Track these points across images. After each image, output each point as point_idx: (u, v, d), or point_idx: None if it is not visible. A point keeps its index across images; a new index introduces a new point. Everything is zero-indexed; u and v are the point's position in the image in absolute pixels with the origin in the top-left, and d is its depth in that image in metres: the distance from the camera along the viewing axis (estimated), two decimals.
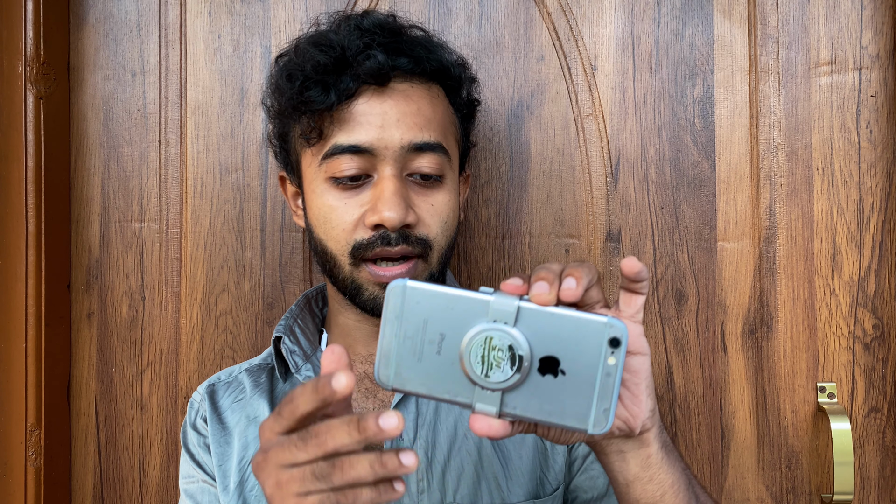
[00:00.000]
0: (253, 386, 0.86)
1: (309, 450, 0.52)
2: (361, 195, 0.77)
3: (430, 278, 0.79)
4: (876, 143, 1.05)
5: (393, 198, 0.75)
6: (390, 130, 0.76)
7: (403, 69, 0.78)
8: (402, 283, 0.53)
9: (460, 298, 0.52)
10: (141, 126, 1.12)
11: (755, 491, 1.06)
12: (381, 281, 0.77)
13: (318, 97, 0.76)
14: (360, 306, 0.79)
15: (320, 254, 0.81)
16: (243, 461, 0.83)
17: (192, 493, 0.85)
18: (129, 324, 1.12)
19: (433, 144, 0.77)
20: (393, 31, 0.81)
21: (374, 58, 0.75)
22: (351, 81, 0.76)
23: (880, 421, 1.05)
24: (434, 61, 0.80)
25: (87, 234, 1.13)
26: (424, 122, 0.78)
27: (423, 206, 0.78)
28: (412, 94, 0.78)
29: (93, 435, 1.12)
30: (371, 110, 0.76)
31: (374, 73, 0.75)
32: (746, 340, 1.06)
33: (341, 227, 0.77)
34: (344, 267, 0.78)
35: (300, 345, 0.85)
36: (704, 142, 1.07)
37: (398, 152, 0.76)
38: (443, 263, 0.81)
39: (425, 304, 0.53)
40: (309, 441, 0.52)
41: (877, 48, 1.06)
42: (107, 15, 1.13)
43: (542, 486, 0.80)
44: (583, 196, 1.08)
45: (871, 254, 1.05)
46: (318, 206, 0.79)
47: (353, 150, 0.76)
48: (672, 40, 1.08)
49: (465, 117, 0.87)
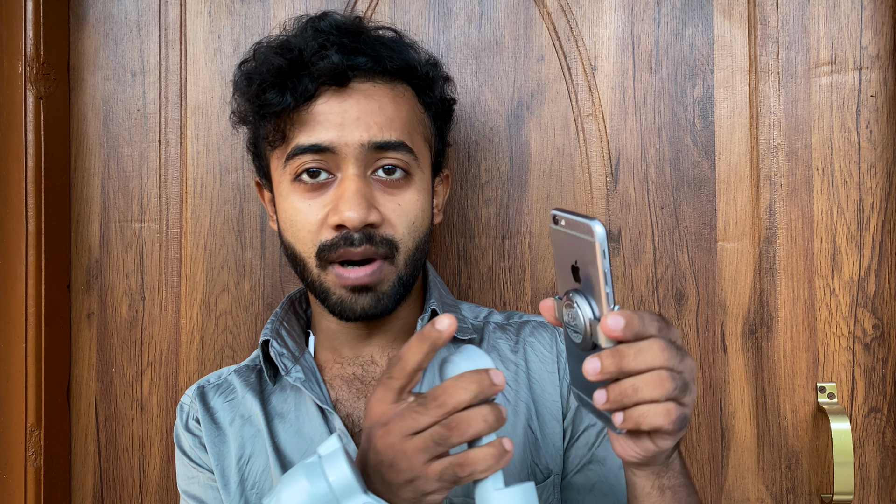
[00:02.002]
0: (244, 386, 0.86)
1: (431, 412, 0.56)
2: (324, 196, 0.77)
3: (397, 281, 0.78)
4: (876, 143, 1.05)
5: (353, 197, 0.74)
6: (350, 129, 0.75)
7: (363, 68, 0.77)
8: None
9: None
10: (141, 126, 1.12)
11: (755, 491, 1.06)
12: (347, 283, 0.76)
13: (274, 99, 0.76)
14: (330, 310, 0.79)
15: (291, 257, 0.80)
16: (241, 460, 0.83)
17: (194, 493, 0.85)
18: (129, 324, 1.12)
19: (395, 143, 0.77)
20: (351, 31, 0.80)
21: (329, 58, 0.75)
22: (310, 83, 0.75)
23: (880, 421, 1.05)
24: (397, 60, 0.79)
25: (87, 234, 1.13)
26: (386, 121, 0.77)
27: (388, 205, 0.77)
28: (374, 93, 0.78)
29: (93, 435, 1.12)
30: (331, 110, 0.76)
31: (330, 72, 0.75)
32: (746, 340, 1.06)
33: (307, 229, 0.77)
34: (312, 270, 0.78)
35: (288, 347, 0.85)
36: (704, 142, 1.07)
37: (359, 150, 0.76)
38: (412, 265, 0.79)
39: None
40: (429, 405, 0.56)
41: (877, 48, 1.06)
42: (107, 15, 1.13)
43: (534, 474, 0.81)
44: (583, 196, 1.08)
45: (871, 254, 1.05)
46: (285, 209, 0.79)
47: (314, 150, 0.76)
48: (672, 40, 1.08)
49: (439, 116, 0.86)
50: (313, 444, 0.81)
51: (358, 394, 0.83)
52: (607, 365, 0.53)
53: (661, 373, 0.53)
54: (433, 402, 0.56)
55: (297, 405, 0.83)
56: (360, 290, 0.76)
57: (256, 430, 0.83)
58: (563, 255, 0.58)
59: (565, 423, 0.83)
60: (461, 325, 0.86)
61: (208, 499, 0.83)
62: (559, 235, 0.57)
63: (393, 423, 0.58)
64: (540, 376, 0.84)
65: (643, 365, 0.53)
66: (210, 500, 0.83)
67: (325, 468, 0.58)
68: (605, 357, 0.53)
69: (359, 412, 0.82)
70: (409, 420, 0.57)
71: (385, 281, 0.77)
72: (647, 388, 0.53)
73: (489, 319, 0.90)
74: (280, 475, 0.79)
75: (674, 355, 0.54)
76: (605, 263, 0.53)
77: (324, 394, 0.82)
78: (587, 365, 0.53)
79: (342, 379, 0.84)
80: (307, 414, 0.82)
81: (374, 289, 0.77)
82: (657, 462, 0.61)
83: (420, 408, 0.57)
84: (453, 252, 1.09)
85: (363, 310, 0.77)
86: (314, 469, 0.59)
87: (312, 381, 0.82)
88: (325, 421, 0.81)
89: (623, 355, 0.53)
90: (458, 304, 0.91)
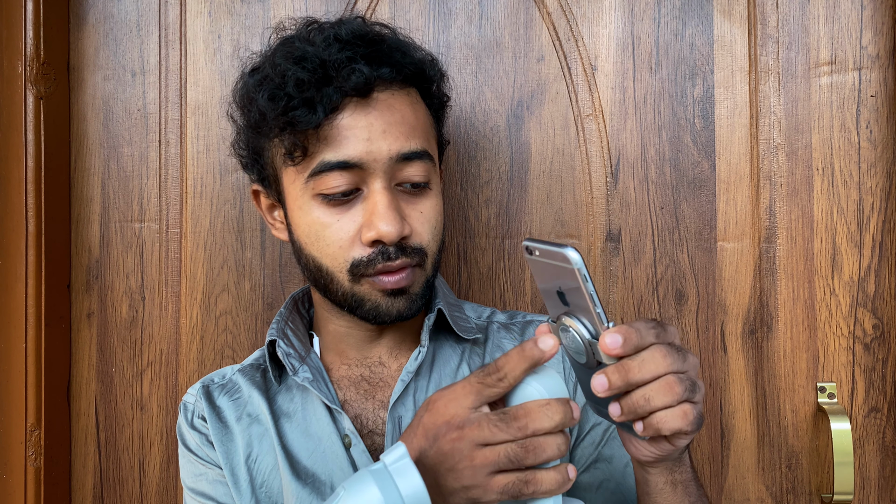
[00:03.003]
0: (249, 385, 0.86)
1: (510, 431, 0.57)
2: (353, 210, 0.76)
3: (426, 283, 0.80)
4: (876, 143, 1.05)
5: (388, 212, 0.74)
6: (378, 143, 0.75)
7: (385, 78, 0.77)
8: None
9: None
10: (141, 126, 1.12)
11: (755, 491, 1.06)
12: (386, 288, 0.77)
13: (304, 117, 0.74)
14: (362, 317, 0.79)
15: (313, 270, 0.80)
16: (249, 459, 0.83)
17: (202, 490, 0.84)
18: (129, 324, 1.12)
19: (420, 152, 0.77)
20: (372, 39, 0.79)
21: (360, 72, 0.74)
22: (335, 95, 0.74)
23: (880, 421, 1.05)
24: (412, 65, 0.79)
25: (87, 234, 1.13)
26: (409, 131, 0.77)
27: (413, 214, 0.77)
28: (394, 102, 0.77)
29: (93, 435, 1.12)
30: (356, 123, 0.75)
31: (360, 87, 0.74)
32: (746, 340, 1.06)
33: (337, 245, 0.76)
34: (343, 283, 0.78)
35: (294, 347, 0.85)
36: (704, 142, 1.07)
37: (387, 164, 0.75)
38: (435, 267, 0.81)
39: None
40: (511, 424, 0.57)
41: (877, 48, 1.06)
42: (107, 15, 1.13)
43: None
44: (583, 196, 1.08)
45: (871, 254, 1.05)
46: (309, 224, 0.78)
47: (342, 167, 0.75)
48: (672, 40, 1.08)
49: (438, 114, 0.86)
50: (321, 443, 0.81)
51: (366, 395, 0.83)
52: (614, 381, 0.55)
53: (669, 378, 0.55)
54: (515, 423, 0.57)
55: (304, 405, 0.83)
56: (396, 293, 0.77)
57: (264, 429, 0.83)
58: (546, 281, 0.59)
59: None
60: (465, 325, 0.86)
61: (218, 495, 0.83)
62: (537, 265, 0.58)
63: (468, 430, 0.58)
64: None
65: (649, 375, 0.55)
66: (219, 496, 0.83)
67: (396, 478, 0.58)
68: (611, 373, 0.55)
69: (367, 413, 0.83)
70: (486, 432, 0.58)
71: (416, 283, 0.78)
72: (658, 396, 0.55)
73: (493, 319, 0.91)
74: (289, 474, 0.79)
75: (676, 358, 0.55)
76: (590, 286, 0.54)
77: (332, 394, 0.82)
78: (595, 383, 0.55)
79: (349, 380, 0.85)
80: (314, 413, 0.82)
81: (407, 291, 0.78)
82: (672, 458, 0.63)
83: (501, 423, 0.57)
84: (453, 252, 1.09)
85: (399, 312, 0.78)
86: (384, 478, 0.58)
87: (320, 381, 0.82)
88: (334, 421, 0.81)
89: (628, 369, 0.55)
90: (460, 304, 0.92)
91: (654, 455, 0.61)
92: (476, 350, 0.86)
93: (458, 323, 0.85)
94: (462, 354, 0.85)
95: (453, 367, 0.84)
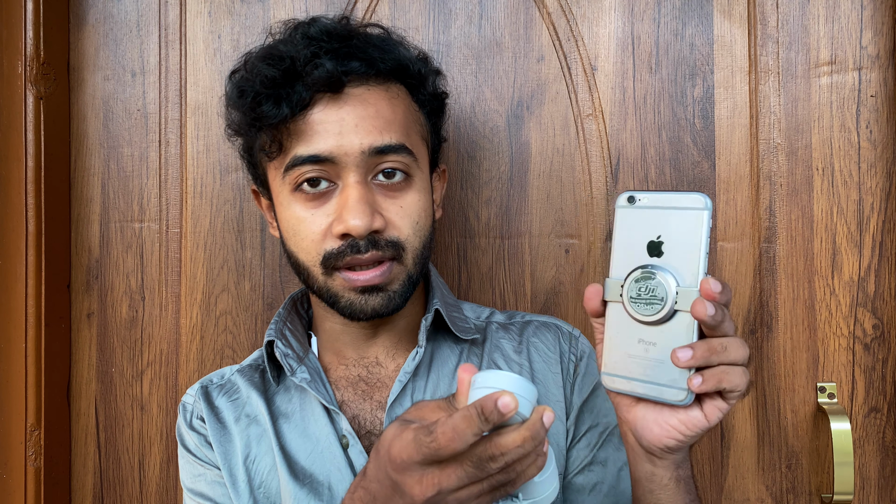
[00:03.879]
0: (248, 385, 0.86)
1: (492, 473, 0.55)
2: (327, 205, 0.77)
3: (407, 279, 0.79)
4: (876, 143, 1.05)
5: (357, 205, 0.74)
6: (349, 136, 0.75)
7: (357, 73, 0.77)
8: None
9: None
10: (141, 126, 1.12)
11: (755, 491, 1.06)
12: (356, 286, 0.76)
13: (270, 111, 0.75)
14: (340, 313, 0.79)
15: (294, 265, 0.81)
16: (248, 459, 0.83)
17: (201, 490, 0.84)
18: (129, 324, 1.12)
19: (395, 146, 0.77)
20: (342, 35, 0.79)
21: (323, 66, 0.74)
22: (304, 92, 0.75)
23: (880, 421, 1.05)
24: (390, 60, 0.79)
25: (87, 234, 1.13)
26: (384, 125, 0.77)
27: (391, 208, 0.77)
28: (369, 97, 0.77)
29: (93, 435, 1.12)
30: (328, 118, 0.75)
31: (325, 80, 0.75)
32: (746, 340, 1.06)
33: (310, 238, 0.77)
34: (318, 277, 0.78)
35: (292, 348, 0.85)
36: (704, 142, 1.07)
37: (359, 158, 0.75)
38: (420, 263, 0.80)
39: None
40: (486, 467, 0.55)
41: (877, 48, 1.06)
42: (107, 15, 1.13)
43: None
44: (583, 196, 1.08)
45: (871, 254, 1.05)
46: (287, 218, 0.79)
47: (313, 160, 0.75)
48: (672, 40, 1.08)
49: (433, 112, 0.86)
50: (319, 444, 0.81)
51: (363, 395, 0.83)
52: (699, 354, 0.57)
53: (739, 339, 0.59)
54: (493, 464, 0.55)
55: (302, 406, 0.83)
56: (370, 290, 0.77)
57: (262, 429, 0.83)
58: (637, 232, 0.60)
59: (568, 423, 0.83)
60: (463, 325, 0.86)
61: (216, 495, 0.83)
62: (637, 215, 0.60)
63: (454, 497, 0.56)
64: (544, 376, 0.84)
65: (728, 360, 0.58)
66: (218, 497, 0.83)
67: None
68: (698, 348, 0.57)
69: (365, 413, 0.83)
70: (474, 488, 0.56)
71: (395, 280, 0.78)
72: (733, 349, 0.58)
73: (491, 319, 0.90)
74: (287, 475, 0.79)
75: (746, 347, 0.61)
76: (709, 231, 0.58)
77: (329, 395, 0.82)
78: (679, 353, 0.57)
79: (347, 380, 0.85)
80: (313, 414, 0.82)
81: (384, 288, 0.77)
82: (685, 448, 0.63)
83: (478, 472, 0.55)
84: (453, 252, 1.09)
85: (374, 309, 0.78)
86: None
87: (318, 381, 0.82)
88: (332, 422, 0.81)
89: (713, 350, 0.58)
90: (459, 304, 0.91)
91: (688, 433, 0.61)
92: (475, 350, 0.86)
93: (455, 323, 0.85)
94: (460, 355, 0.85)
95: (451, 368, 0.84)
